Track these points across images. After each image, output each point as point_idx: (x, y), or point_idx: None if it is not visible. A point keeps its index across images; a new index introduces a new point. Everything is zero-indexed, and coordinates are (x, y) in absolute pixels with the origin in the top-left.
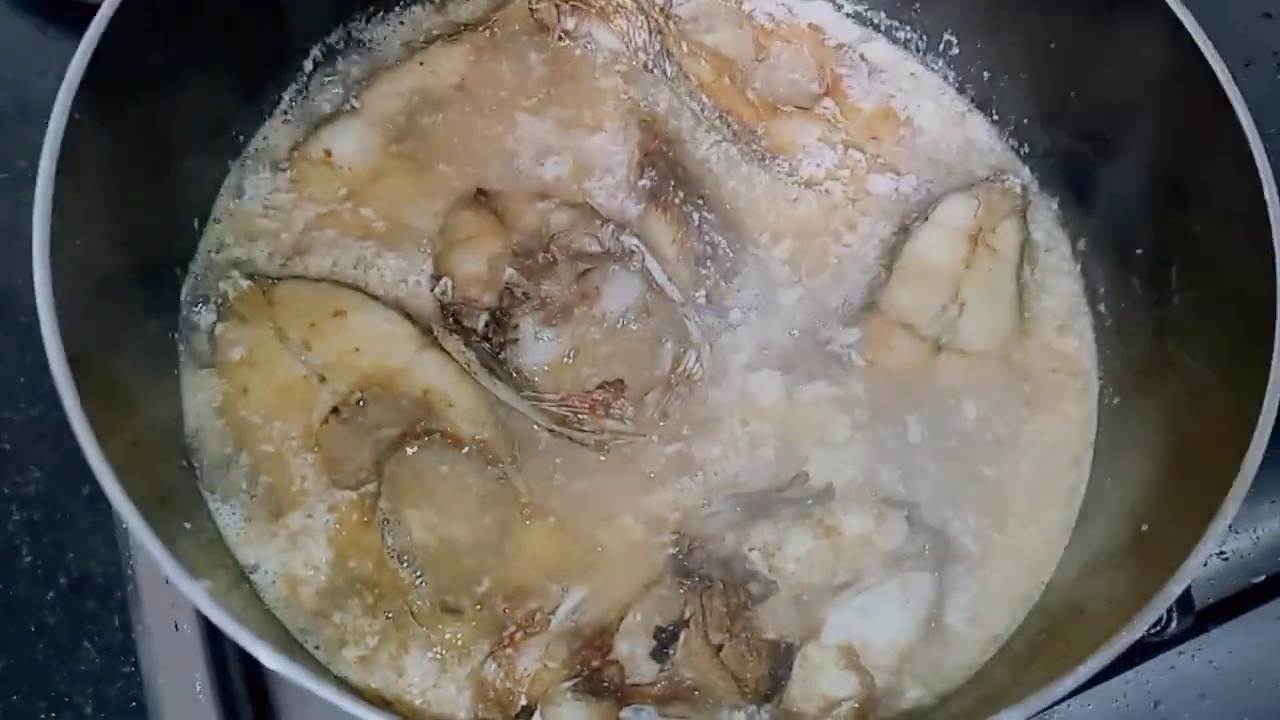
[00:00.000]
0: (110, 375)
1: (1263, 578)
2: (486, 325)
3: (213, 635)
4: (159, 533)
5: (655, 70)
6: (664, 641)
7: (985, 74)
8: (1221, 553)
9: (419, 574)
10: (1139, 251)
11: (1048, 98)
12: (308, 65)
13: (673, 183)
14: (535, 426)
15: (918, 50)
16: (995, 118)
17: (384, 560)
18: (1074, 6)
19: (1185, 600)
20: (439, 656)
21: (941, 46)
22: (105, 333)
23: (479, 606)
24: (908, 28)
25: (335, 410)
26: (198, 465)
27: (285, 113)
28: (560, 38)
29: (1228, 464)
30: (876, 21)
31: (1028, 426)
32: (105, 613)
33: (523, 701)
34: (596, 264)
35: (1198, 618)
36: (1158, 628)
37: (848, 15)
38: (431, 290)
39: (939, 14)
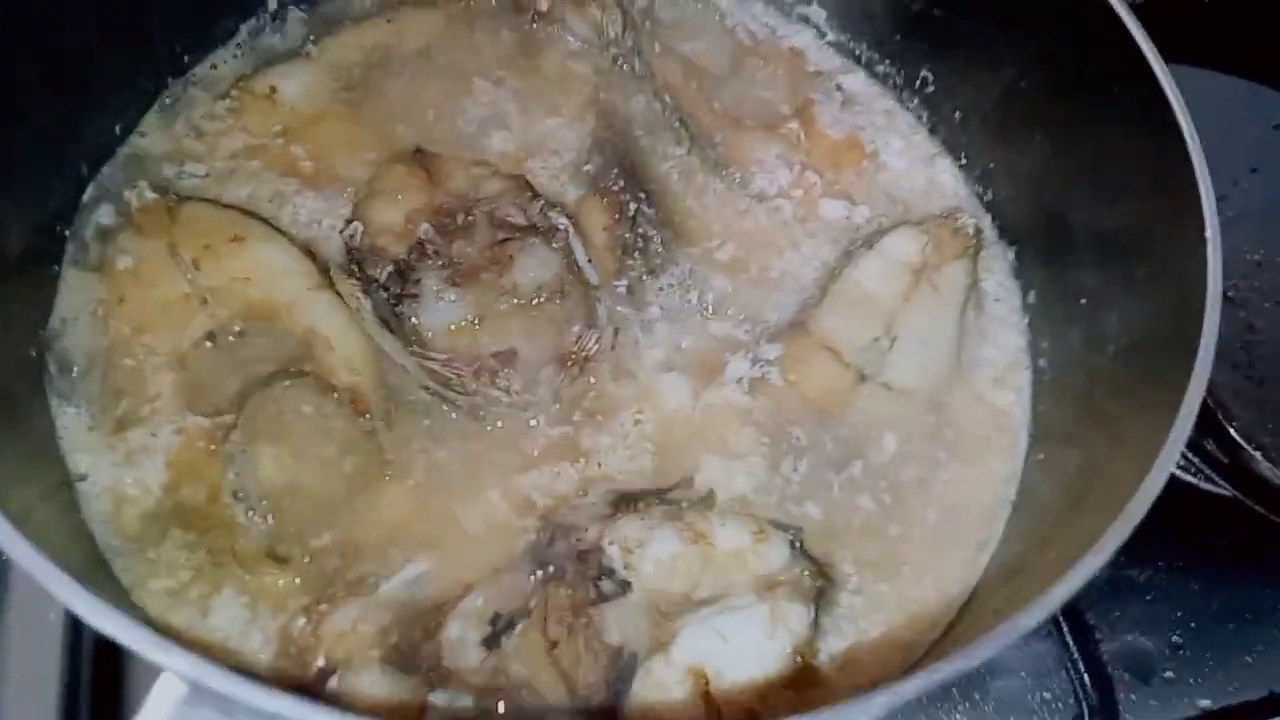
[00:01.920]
0: None
1: None
2: (389, 275)
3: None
4: None
5: (624, 66)
6: (498, 629)
7: (957, 114)
8: None
9: (254, 513)
10: (1082, 301)
11: (1014, 144)
12: (272, 4)
13: (616, 170)
14: (418, 386)
15: (895, 86)
16: (963, 162)
17: (218, 494)
18: (1052, 54)
19: None
20: (251, 603)
21: (918, 83)
22: None
23: (309, 559)
24: (887, 61)
25: (210, 335)
26: (51, 361)
27: (239, 45)
28: (534, 19)
29: (1119, 505)
30: (858, 53)
31: (942, 474)
32: None
33: (320, 662)
34: (517, 235)
35: None
36: None
37: (830, 44)
38: (341, 233)
39: (917, 49)
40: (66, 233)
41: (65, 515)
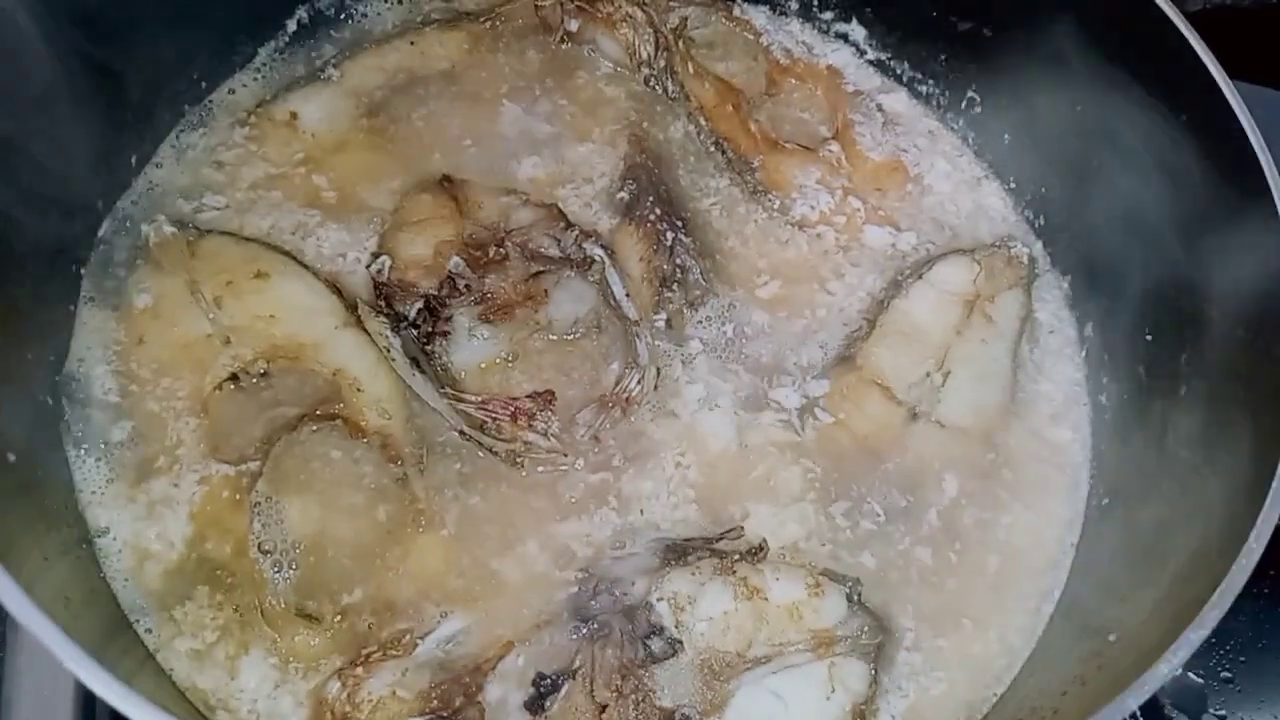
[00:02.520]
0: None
1: None
2: (419, 312)
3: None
4: None
5: (656, 87)
6: (543, 691)
7: (1006, 136)
8: None
9: (281, 569)
10: (1148, 336)
11: (1069, 167)
12: (291, 26)
13: (651, 199)
14: (449, 429)
15: (939, 106)
16: (1012, 186)
17: (245, 547)
18: (1112, 74)
19: None
20: (281, 664)
21: (964, 104)
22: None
23: (340, 617)
24: (931, 81)
25: (234, 377)
26: (67, 407)
27: (258, 69)
28: (562, 40)
29: (1214, 571)
30: (899, 72)
31: (1003, 517)
32: None
33: None
34: (551, 267)
35: None
36: None
37: (870, 62)
38: (367, 268)
39: (965, 68)
40: (82, 270)
41: (85, 574)
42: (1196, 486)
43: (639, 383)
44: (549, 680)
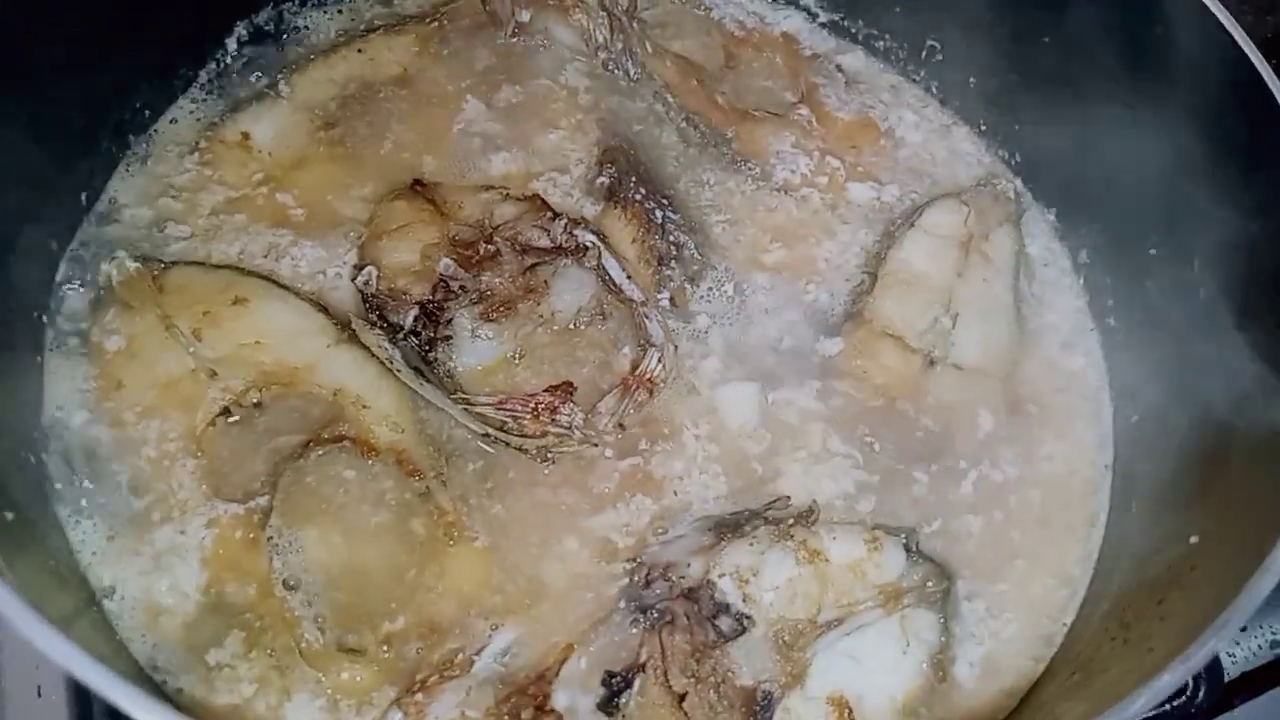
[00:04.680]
0: None
1: None
2: (416, 319)
3: (81, 701)
4: None
5: (617, 71)
6: (615, 689)
7: (971, 80)
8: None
9: (312, 604)
10: (1152, 251)
11: (1040, 98)
12: (231, 45)
13: (634, 179)
14: (467, 435)
15: (898, 60)
16: (982, 128)
17: (269, 587)
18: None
19: (1214, 671)
20: (331, 705)
21: (924, 53)
22: None
23: (385, 646)
24: (887, 36)
25: (226, 411)
26: (48, 463)
27: (201, 91)
28: (514, 33)
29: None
30: (854, 31)
31: (1036, 450)
32: None
33: None
34: (546, 258)
35: (1225, 691)
36: (1182, 698)
37: (822, 25)
38: (353, 281)
39: (922, 16)
40: (44, 317)
41: (103, 635)
42: (1232, 378)
43: (659, 361)
44: (619, 677)
